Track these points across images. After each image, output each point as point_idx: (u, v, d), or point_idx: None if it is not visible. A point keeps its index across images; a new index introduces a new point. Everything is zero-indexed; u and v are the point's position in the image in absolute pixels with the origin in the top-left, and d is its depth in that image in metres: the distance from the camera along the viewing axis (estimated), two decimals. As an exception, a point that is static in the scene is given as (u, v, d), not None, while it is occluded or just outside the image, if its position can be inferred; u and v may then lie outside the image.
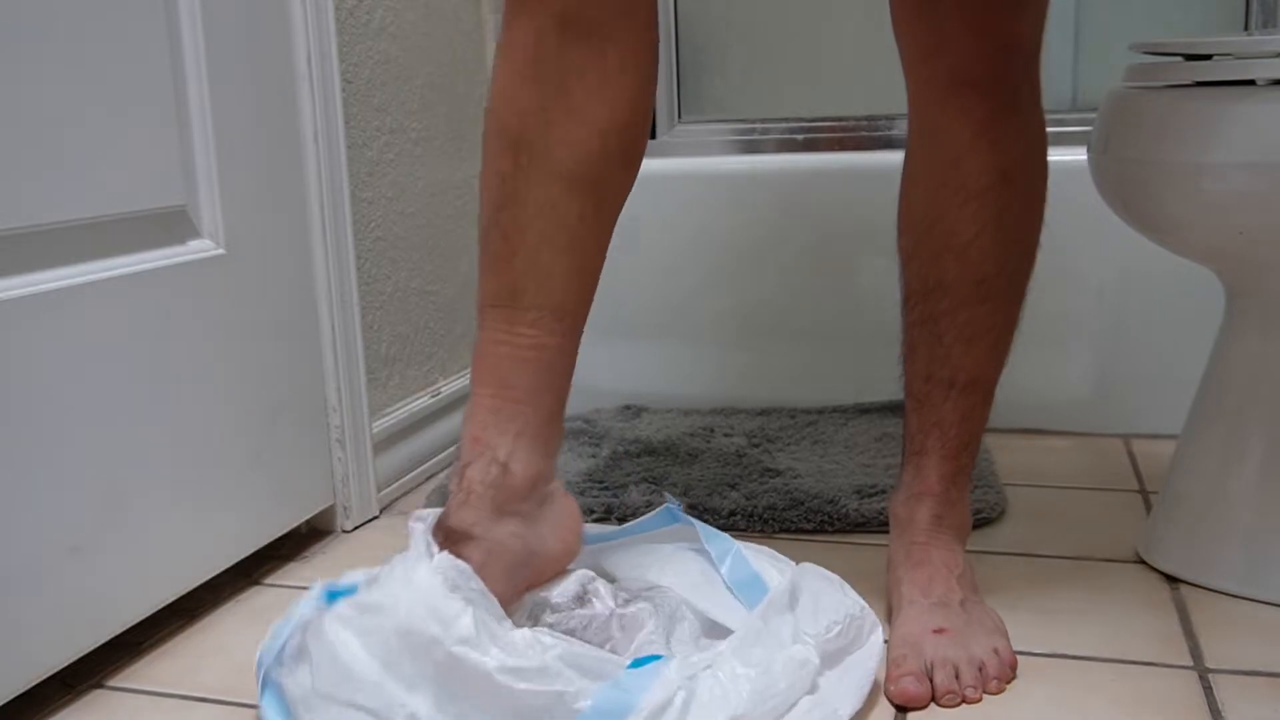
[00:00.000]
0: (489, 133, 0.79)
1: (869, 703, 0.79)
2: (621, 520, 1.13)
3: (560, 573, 0.83)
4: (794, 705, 0.74)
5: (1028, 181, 0.88)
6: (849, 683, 0.78)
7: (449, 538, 0.75)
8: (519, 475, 0.77)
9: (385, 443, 1.25)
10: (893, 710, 0.79)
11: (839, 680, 0.78)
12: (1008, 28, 0.81)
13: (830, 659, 0.78)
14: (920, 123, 0.87)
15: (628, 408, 1.50)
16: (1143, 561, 1.03)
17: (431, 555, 0.75)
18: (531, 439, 0.78)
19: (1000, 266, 0.87)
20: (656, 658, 0.75)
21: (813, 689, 0.76)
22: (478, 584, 0.74)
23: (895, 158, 1.45)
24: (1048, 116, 1.44)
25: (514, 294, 0.77)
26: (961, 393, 0.89)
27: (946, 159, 0.85)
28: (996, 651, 0.82)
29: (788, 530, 1.13)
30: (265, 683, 0.77)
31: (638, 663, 0.74)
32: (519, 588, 0.78)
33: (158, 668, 0.90)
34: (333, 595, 0.81)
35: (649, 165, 1.12)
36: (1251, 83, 0.86)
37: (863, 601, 0.81)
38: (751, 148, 1.53)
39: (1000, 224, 0.86)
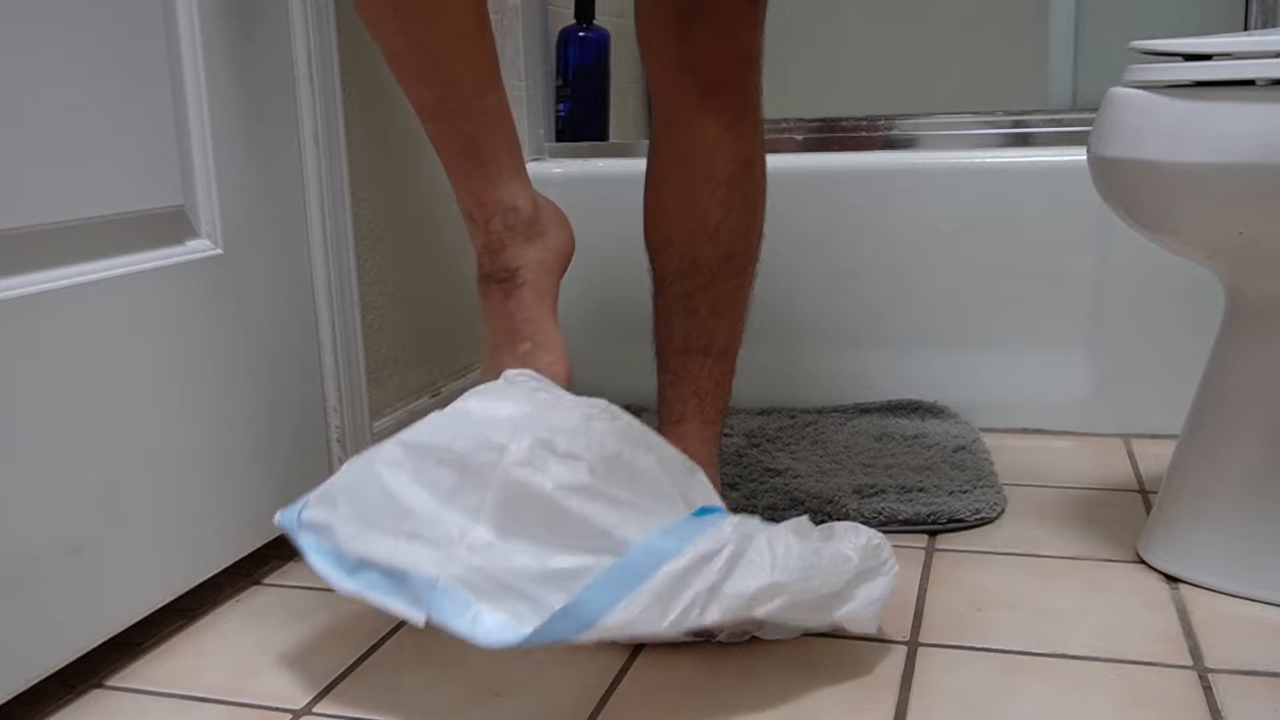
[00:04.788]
0: None
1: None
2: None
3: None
4: (829, 598, 0.79)
5: (760, 171, 1.01)
6: (876, 595, 0.83)
7: (502, 281, 0.91)
8: (525, 208, 0.91)
9: (385, 443, 1.25)
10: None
11: (865, 590, 0.82)
12: (747, 44, 0.96)
13: (863, 574, 0.82)
14: (669, 125, 1.00)
15: (628, 407, 1.50)
16: (1143, 561, 1.03)
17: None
18: (518, 178, 0.91)
19: (744, 245, 1.01)
20: (718, 510, 0.78)
21: (848, 595, 0.81)
22: (536, 383, 0.83)
23: (895, 158, 1.47)
24: (1048, 116, 1.46)
25: (451, 87, 0.87)
26: (715, 360, 1.01)
27: (698, 153, 0.98)
28: None
29: (788, 530, 1.13)
30: (301, 527, 0.80)
31: (702, 511, 0.77)
32: (558, 280, 0.93)
33: (158, 668, 0.90)
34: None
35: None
36: (1251, 83, 0.86)
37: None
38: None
39: (743, 207, 1.00)
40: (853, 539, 0.84)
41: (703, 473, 0.85)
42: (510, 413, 0.78)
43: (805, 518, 0.86)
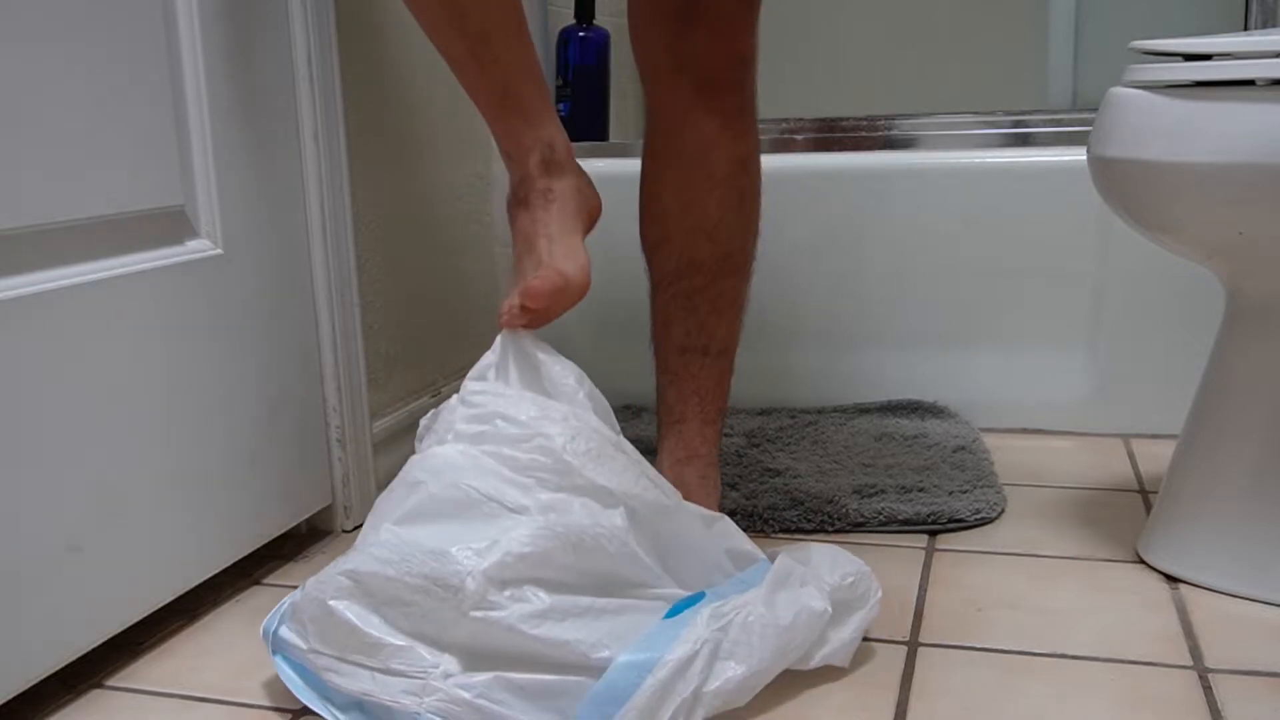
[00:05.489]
0: None
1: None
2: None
3: None
4: (806, 654, 0.80)
5: (756, 170, 1.02)
6: (847, 637, 0.83)
7: (530, 201, 0.91)
8: (561, 148, 0.92)
9: (385, 443, 1.25)
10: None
11: (839, 632, 0.83)
12: (743, 43, 0.97)
13: (839, 611, 0.83)
14: (666, 124, 1.01)
15: (628, 407, 1.50)
16: (1143, 561, 1.03)
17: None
18: (553, 119, 0.93)
19: (741, 244, 1.01)
20: (699, 598, 0.78)
21: (822, 641, 0.81)
22: (488, 395, 0.82)
23: (895, 158, 1.47)
24: (1048, 116, 1.46)
25: (482, 39, 0.89)
26: (715, 359, 1.02)
27: (695, 152, 0.99)
28: None
29: (788, 530, 1.13)
30: (275, 648, 0.80)
31: (676, 609, 0.77)
32: (584, 222, 0.93)
33: (158, 668, 0.90)
34: None
35: (649, 165, 1.12)
36: (1251, 83, 0.86)
37: (867, 566, 0.87)
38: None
39: (740, 206, 1.01)
40: (829, 578, 0.84)
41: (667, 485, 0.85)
42: (453, 537, 0.75)
43: (786, 559, 0.85)
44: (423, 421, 0.87)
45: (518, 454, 0.78)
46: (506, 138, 0.92)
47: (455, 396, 0.85)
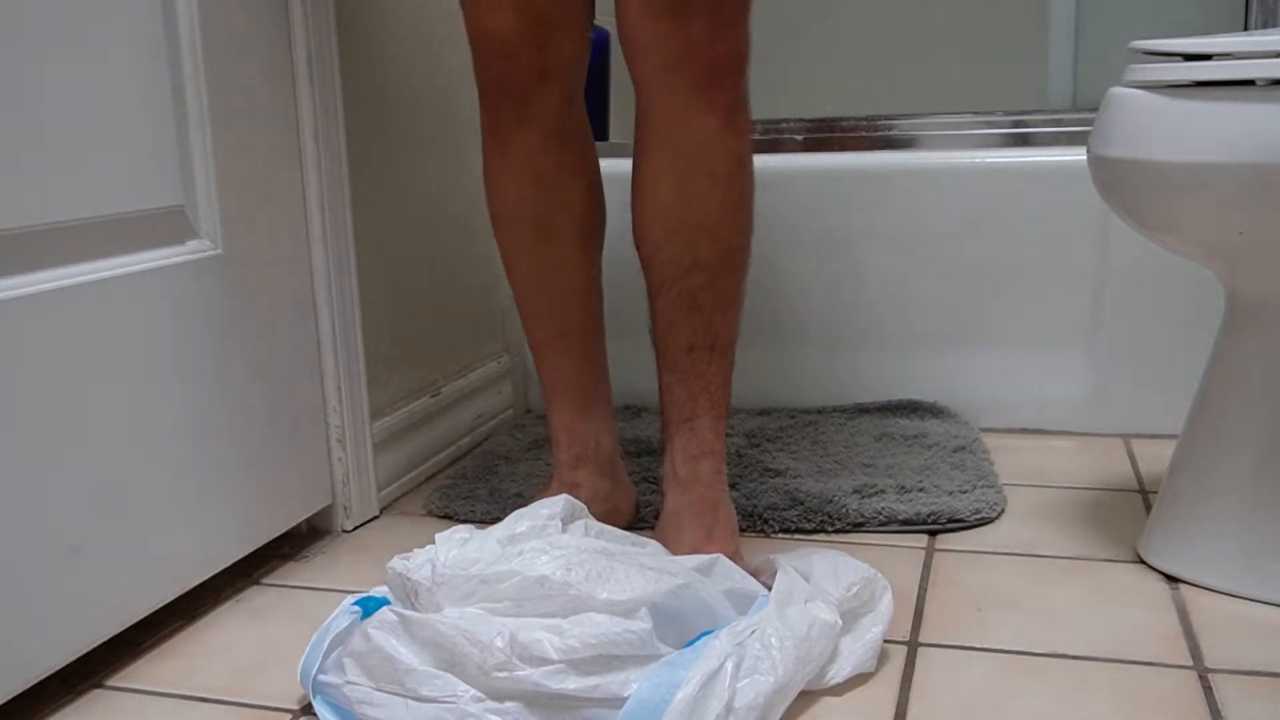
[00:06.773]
0: (509, 219, 1.06)
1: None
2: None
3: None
4: (823, 669, 0.81)
5: (751, 166, 1.02)
6: (863, 644, 0.83)
7: (563, 489, 1.03)
8: (608, 449, 1.10)
9: (385, 443, 1.25)
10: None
11: (854, 642, 0.83)
12: (739, 40, 0.97)
13: (848, 619, 0.84)
14: (662, 123, 1.00)
15: (628, 407, 1.50)
16: (1143, 561, 1.03)
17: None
18: (609, 425, 1.10)
19: (742, 240, 1.01)
20: (708, 633, 0.78)
21: (836, 653, 0.82)
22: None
23: (895, 158, 1.47)
24: (1049, 116, 1.46)
25: (564, 332, 1.08)
26: (721, 355, 1.03)
27: (696, 150, 0.98)
28: None
29: (788, 530, 1.13)
30: (315, 690, 0.80)
31: (690, 643, 0.78)
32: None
33: (158, 667, 0.90)
34: (364, 606, 0.83)
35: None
36: (1251, 83, 0.86)
37: (873, 569, 0.87)
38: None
39: (740, 203, 1.01)
40: (834, 590, 0.84)
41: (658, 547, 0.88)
42: (483, 616, 0.77)
43: (786, 576, 0.85)
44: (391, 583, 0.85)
45: (524, 606, 0.78)
46: (558, 422, 1.09)
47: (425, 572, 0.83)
